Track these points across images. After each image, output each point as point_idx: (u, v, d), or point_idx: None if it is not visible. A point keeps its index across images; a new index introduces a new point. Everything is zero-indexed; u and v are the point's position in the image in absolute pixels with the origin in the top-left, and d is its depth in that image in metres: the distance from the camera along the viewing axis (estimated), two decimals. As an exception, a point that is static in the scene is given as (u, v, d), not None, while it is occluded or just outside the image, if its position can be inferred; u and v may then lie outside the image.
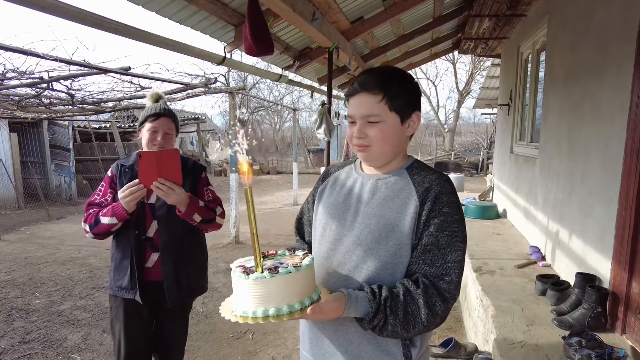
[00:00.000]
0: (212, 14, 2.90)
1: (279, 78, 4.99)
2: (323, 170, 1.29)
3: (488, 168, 13.77)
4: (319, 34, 3.54)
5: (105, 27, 2.31)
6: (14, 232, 6.84)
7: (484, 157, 15.10)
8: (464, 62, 21.91)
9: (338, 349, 1.08)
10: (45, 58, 3.58)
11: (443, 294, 0.98)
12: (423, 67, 21.30)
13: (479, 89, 12.58)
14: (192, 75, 6.13)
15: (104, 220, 1.73)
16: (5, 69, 4.44)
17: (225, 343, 3.06)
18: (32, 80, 4.75)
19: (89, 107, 6.94)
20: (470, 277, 3.08)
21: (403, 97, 1.04)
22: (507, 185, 5.03)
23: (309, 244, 1.25)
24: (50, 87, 5.08)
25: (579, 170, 2.63)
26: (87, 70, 4.32)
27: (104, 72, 4.33)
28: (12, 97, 5.96)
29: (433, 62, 17.92)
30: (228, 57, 3.44)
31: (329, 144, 4.64)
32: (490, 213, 4.87)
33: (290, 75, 5.21)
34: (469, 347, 2.56)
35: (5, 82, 4.78)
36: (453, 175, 9.15)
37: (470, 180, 12.47)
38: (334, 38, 3.97)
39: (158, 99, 1.89)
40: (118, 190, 1.80)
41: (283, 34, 3.96)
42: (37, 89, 5.31)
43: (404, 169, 1.10)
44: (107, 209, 1.74)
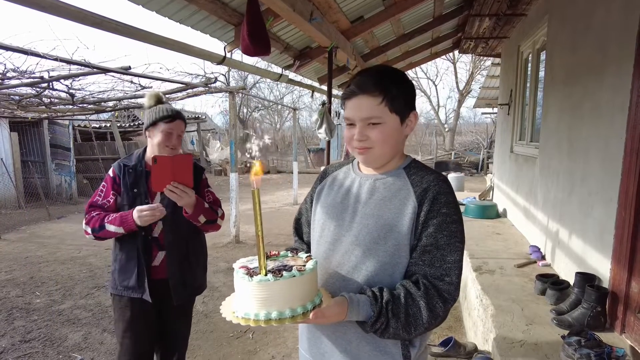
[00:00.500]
0: (212, 14, 2.90)
1: (279, 77, 4.99)
2: (321, 170, 1.28)
3: (488, 167, 13.77)
4: (319, 34, 3.54)
5: (105, 26, 2.32)
6: (15, 231, 6.85)
7: (484, 156, 15.10)
8: (465, 61, 21.93)
9: (337, 349, 1.08)
10: (46, 57, 3.58)
11: (443, 295, 0.98)
12: (423, 66, 21.24)
13: (479, 89, 12.58)
14: (192, 75, 6.15)
15: (110, 228, 1.74)
16: (6, 69, 4.44)
17: (226, 342, 3.06)
18: (32, 80, 4.76)
19: (89, 106, 6.94)
20: (470, 276, 3.09)
21: (402, 97, 1.05)
22: (507, 185, 5.03)
23: (308, 244, 1.25)
24: (51, 86, 5.09)
25: (579, 170, 2.63)
26: (87, 70, 4.32)
27: (104, 71, 4.33)
28: (12, 96, 5.96)
29: (433, 61, 17.90)
30: (228, 56, 3.45)
31: (329, 144, 4.65)
32: (491, 212, 4.87)
33: (291, 75, 5.21)
34: (469, 346, 2.56)
35: (6, 81, 4.79)
36: (453, 175, 9.14)
37: (471, 180, 12.47)
38: (334, 37, 3.97)
39: (160, 100, 1.90)
40: (121, 191, 1.82)
41: (283, 34, 3.96)
42: (37, 89, 5.31)
43: (402, 169, 1.10)
44: (114, 217, 1.75)
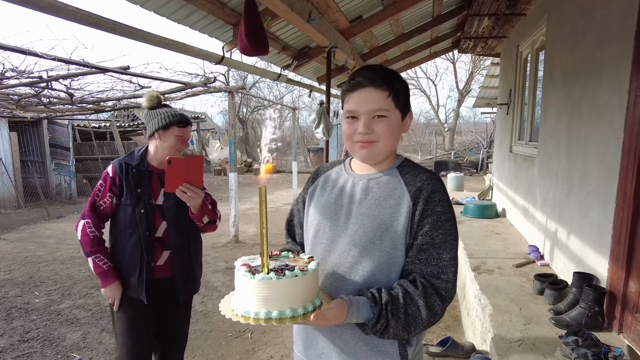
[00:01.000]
0: (210, 13, 2.90)
1: (278, 77, 4.99)
2: (312, 171, 1.27)
3: (488, 167, 13.76)
4: (318, 34, 3.53)
5: (103, 26, 2.31)
6: (14, 231, 6.85)
7: (484, 156, 15.09)
8: (464, 61, 21.83)
9: (333, 350, 1.07)
10: (44, 57, 3.58)
11: (441, 293, 0.98)
12: (423, 66, 21.21)
13: (479, 88, 12.57)
14: (191, 75, 6.14)
15: (89, 263, 1.80)
16: (5, 68, 4.44)
17: (224, 342, 3.06)
18: (31, 80, 4.75)
19: (89, 106, 6.94)
20: (469, 276, 3.09)
21: (403, 95, 1.06)
22: (506, 185, 5.03)
23: (301, 245, 1.24)
24: (50, 86, 5.08)
25: (578, 170, 2.63)
26: (86, 70, 4.31)
27: (103, 71, 4.33)
28: (11, 96, 5.96)
29: (433, 61, 17.88)
30: (227, 56, 3.44)
31: (328, 144, 4.65)
32: (490, 212, 4.87)
33: (290, 75, 5.21)
34: (467, 346, 2.56)
35: (5, 81, 4.78)
36: (453, 174, 9.13)
37: (470, 179, 12.46)
38: (333, 37, 3.96)
39: (161, 101, 1.89)
40: (123, 192, 1.80)
41: (282, 33, 3.96)
42: (36, 88, 5.31)
43: (395, 168, 1.10)
44: (98, 264, 1.79)
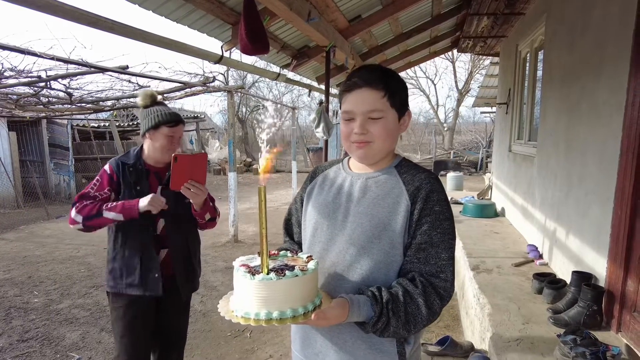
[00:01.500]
0: (209, 13, 2.90)
1: (277, 77, 4.98)
2: (311, 170, 1.27)
3: (487, 167, 13.76)
4: (317, 33, 3.53)
5: (101, 25, 2.31)
6: (13, 230, 6.84)
7: (483, 155, 15.09)
8: (464, 60, 21.82)
9: (331, 349, 1.08)
10: (43, 57, 3.57)
11: (440, 292, 0.99)
12: (422, 65, 21.19)
13: (478, 88, 12.57)
14: (190, 74, 6.14)
15: (108, 215, 1.71)
16: (3, 68, 4.44)
17: (223, 341, 3.06)
18: (30, 79, 4.75)
19: (88, 106, 6.93)
20: (468, 275, 3.09)
21: (400, 94, 1.06)
22: (505, 184, 5.03)
23: (299, 244, 1.24)
24: (49, 85, 5.08)
25: (576, 170, 2.63)
26: (85, 69, 4.30)
27: (102, 70, 4.32)
28: (10, 95, 5.95)
29: (432, 60, 17.88)
30: (226, 55, 3.44)
31: (327, 143, 4.64)
32: (489, 212, 4.88)
33: (289, 74, 5.21)
34: (465, 345, 2.56)
35: (3, 80, 4.77)
36: (452, 174, 9.12)
37: (469, 179, 12.46)
38: (332, 37, 3.96)
39: (155, 99, 1.88)
40: (121, 189, 1.81)
41: (281, 33, 3.95)
42: (35, 88, 5.30)
43: (393, 167, 1.10)
44: (113, 205, 1.73)
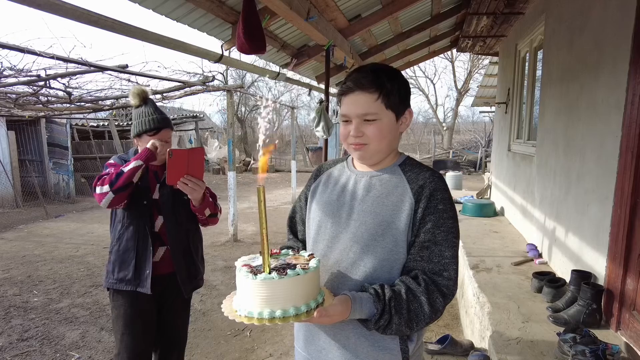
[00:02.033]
0: (209, 12, 2.90)
1: (277, 76, 4.98)
2: (315, 168, 1.28)
3: (486, 166, 13.78)
4: (317, 32, 3.53)
5: (102, 24, 2.31)
6: (12, 230, 6.83)
7: (482, 155, 15.11)
8: (463, 60, 21.88)
9: (335, 345, 1.08)
10: (43, 56, 3.57)
11: (442, 290, 0.99)
12: (421, 65, 21.24)
13: (478, 87, 12.58)
14: (190, 74, 6.13)
15: (128, 167, 1.72)
16: (2, 67, 4.43)
17: (223, 340, 3.07)
18: (29, 78, 4.74)
19: (87, 105, 6.92)
20: (467, 274, 3.10)
21: (397, 94, 1.05)
22: (504, 183, 5.04)
23: (303, 242, 1.25)
24: (48, 85, 5.07)
25: (575, 168, 2.64)
26: (84, 68, 4.29)
27: (102, 69, 4.31)
28: (9, 94, 5.94)
29: (431, 60, 17.89)
30: (225, 55, 3.44)
31: (327, 142, 4.65)
32: (488, 211, 4.88)
33: (289, 74, 5.21)
34: (465, 344, 2.57)
35: (2, 79, 4.77)
36: (451, 173, 9.15)
37: (469, 178, 12.48)
38: (332, 36, 3.96)
39: (145, 98, 1.87)
40: None
41: (281, 32, 3.95)
42: (34, 87, 5.30)
43: (397, 166, 1.11)
44: (128, 161, 1.76)
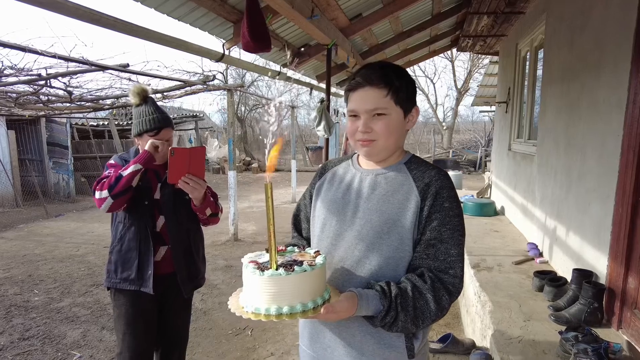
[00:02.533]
0: (211, 11, 2.90)
1: (277, 75, 4.99)
2: (320, 166, 1.28)
3: (486, 165, 13.79)
4: (318, 31, 3.53)
5: (104, 23, 2.31)
6: (12, 229, 6.83)
7: (482, 154, 15.11)
8: (463, 59, 21.88)
9: (340, 343, 1.08)
10: (44, 55, 3.56)
11: (448, 288, 0.99)
12: (421, 64, 21.28)
13: (478, 87, 12.58)
14: (190, 73, 6.12)
15: (127, 171, 1.71)
16: (3, 66, 4.42)
17: (225, 339, 3.07)
18: (30, 77, 4.73)
19: (87, 104, 6.91)
20: (468, 273, 3.10)
21: (405, 91, 1.06)
22: (505, 183, 5.04)
23: (307, 240, 1.25)
24: (48, 84, 5.06)
25: (576, 167, 2.64)
26: (85, 67, 4.29)
27: (103, 69, 4.31)
28: (9, 94, 5.93)
29: (431, 59, 17.90)
30: (227, 54, 3.44)
31: (328, 142, 4.65)
32: (488, 210, 4.89)
33: (289, 73, 5.20)
34: (467, 342, 2.58)
35: (3, 79, 4.76)
36: (451, 173, 9.15)
37: (469, 178, 12.49)
38: (333, 35, 3.96)
39: (146, 96, 1.86)
40: None
41: (282, 31, 3.96)
42: (35, 86, 5.29)
43: (403, 164, 1.11)
44: (126, 166, 1.74)
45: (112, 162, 1.86)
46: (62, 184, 9.90)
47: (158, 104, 1.91)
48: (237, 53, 4.04)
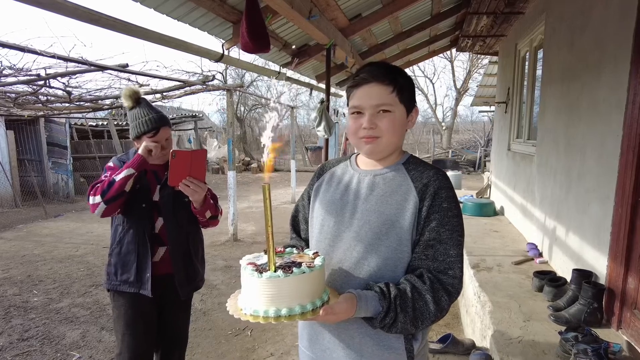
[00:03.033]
0: (210, 11, 2.89)
1: (277, 75, 4.98)
2: (318, 167, 1.27)
3: (485, 166, 13.80)
4: (317, 31, 3.53)
5: (103, 23, 2.30)
6: (11, 229, 6.82)
7: (482, 154, 15.12)
8: (462, 59, 21.94)
9: (339, 345, 1.08)
10: (43, 55, 3.55)
11: (448, 289, 0.99)
12: (421, 64, 21.30)
13: (477, 87, 12.59)
14: (189, 73, 6.12)
15: (120, 176, 1.69)
16: (2, 66, 4.41)
17: (224, 340, 3.07)
18: (29, 77, 4.73)
19: (86, 104, 6.90)
20: (468, 273, 3.10)
21: (408, 90, 1.07)
22: (504, 183, 5.05)
23: (306, 241, 1.25)
24: (48, 84, 5.05)
25: (576, 168, 2.64)
26: (84, 67, 4.28)
27: (102, 69, 4.30)
28: (8, 94, 5.92)
29: (430, 59, 17.90)
30: (226, 54, 3.44)
31: (328, 142, 4.64)
32: (488, 210, 4.89)
33: (288, 73, 5.20)
34: (467, 342, 2.58)
35: (2, 79, 4.75)
36: (450, 173, 9.16)
37: (468, 178, 12.50)
38: (332, 35, 3.96)
39: (137, 96, 1.83)
40: None
41: (281, 31, 3.95)
42: (34, 86, 5.28)
43: (401, 165, 1.11)
44: (120, 169, 1.72)
45: (110, 164, 1.85)
46: (61, 184, 9.89)
47: (152, 104, 1.89)
48: (236, 53, 4.04)
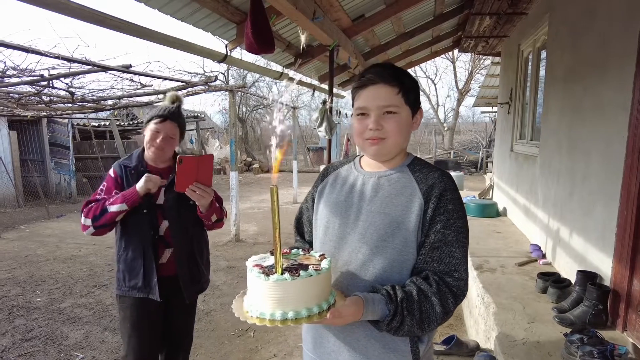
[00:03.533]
0: (214, 12, 2.90)
1: (280, 76, 4.99)
2: (322, 169, 1.27)
3: (487, 166, 13.78)
4: (321, 32, 3.54)
5: (108, 24, 2.31)
6: (14, 230, 6.83)
7: (484, 155, 15.10)
8: (464, 60, 21.92)
9: (344, 348, 1.07)
10: (46, 55, 3.56)
11: (453, 291, 0.99)
12: (422, 65, 21.28)
13: (479, 88, 12.58)
14: (191, 74, 6.12)
15: (112, 209, 1.71)
16: (6, 67, 4.42)
17: (227, 340, 3.06)
18: (32, 78, 4.74)
19: (89, 105, 6.91)
20: (471, 274, 3.09)
21: (413, 92, 1.06)
22: (507, 184, 5.04)
23: (310, 243, 1.24)
24: (51, 84, 5.06)
25: (580, 169, 2.63)
26: (87, 68, 4.29)
27: (105, 69, 4.31)
28: (12, 94, 5.94)
29: (432, 60, 17.88)
30: (229, 54, 3.44)
31: (330, 142, 4.64)
32: (491, 211, 4.88)
33: (291, 73, 5.20)
34: (471, 344, 2.57)
35: (6, 79, 4.76)
36: (453, 174, 9.12)
37: (470, 179, 12.48)
38: (336, 36, 3.96)
39: (175, 101, 1.89)
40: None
41: (285, 32, 3.96)
42: (37, 87, 5.29)
43: (406, 166, 1.10)
44: (114, 198, 1.73)
45: (111, 174, 1.84)
46: (63, 185, 9.91)
47: (180, 109, 1.91)
48: (238, 54, 4.04)
